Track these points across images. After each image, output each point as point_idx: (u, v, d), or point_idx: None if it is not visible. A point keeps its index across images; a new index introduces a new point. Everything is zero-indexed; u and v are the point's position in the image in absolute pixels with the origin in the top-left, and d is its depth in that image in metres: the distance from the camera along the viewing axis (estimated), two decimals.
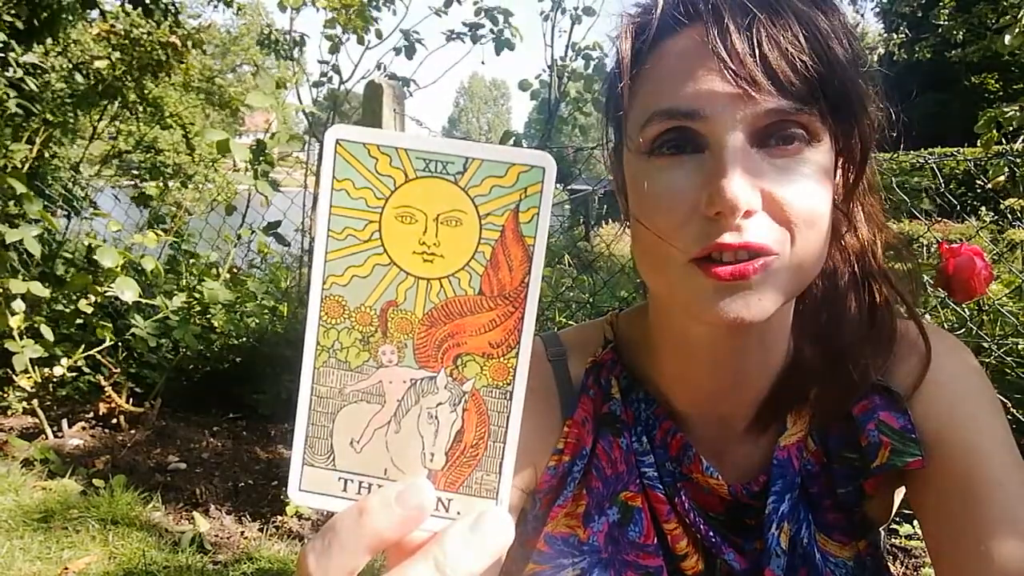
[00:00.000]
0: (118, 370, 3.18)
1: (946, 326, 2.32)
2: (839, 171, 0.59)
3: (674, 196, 0.54)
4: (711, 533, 0.63)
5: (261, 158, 2.78)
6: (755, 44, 0.51)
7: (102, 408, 3.18)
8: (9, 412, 3.29)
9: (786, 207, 0.53)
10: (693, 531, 0.64)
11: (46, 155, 4.09)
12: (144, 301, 2.98)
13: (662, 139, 0.55)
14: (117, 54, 4.48)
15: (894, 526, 2.33)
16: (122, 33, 4.42)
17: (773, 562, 0.61)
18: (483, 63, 6.90)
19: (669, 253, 0.55)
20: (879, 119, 0.60)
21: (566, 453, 0.67)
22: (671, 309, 0.64)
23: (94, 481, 2.71)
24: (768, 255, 0.52)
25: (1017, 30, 2.22)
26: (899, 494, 0.67)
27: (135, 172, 5.95)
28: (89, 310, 2.98)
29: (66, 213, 4.22)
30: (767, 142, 0.53)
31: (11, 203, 2.99)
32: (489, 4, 3.32)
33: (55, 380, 3.12)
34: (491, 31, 3.32)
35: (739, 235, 0.52)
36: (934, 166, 2.58)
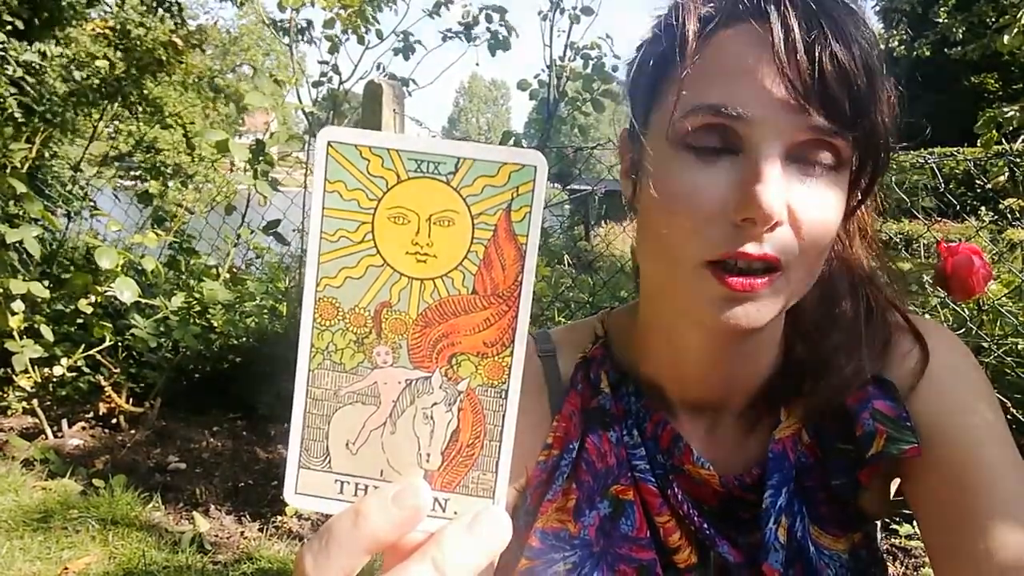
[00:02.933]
0: (118, 370, 3.18)
1: (946, 326, 2.31)
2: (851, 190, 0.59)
3: (701, 194, 0.53)
4: (705, 525, 0.63)
5: (260, 158, 2.78)
6: (816, 58, 0.50)
7: (102, 408, 3.18)
8: (9, 412, 3.29)
9: (804, 226, 0.53)
10: (687, 523, 0.64)
11: (46, 155, 4.09)
12: (144, 301, 2.98)
13: (699, 133, 0.54)
14: (119, 54, 4.48)
15: (894, 526, 2.34)
16: (118, 30, 4.41)
17: (772, 556, 0.60)
18: (477, 64, 6.92)
19: (683, 251, 0.54)
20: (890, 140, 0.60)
21: (554, 448, 0.68)
22: (668, 307, 0.64)
23: (94, 481, 2.71)
24: (778, 270, 0.53)
25: (1016, 30, 2.22)
26: (894, 485, 0.67)
27: (135, 173, 5.95)
28: (89, 310, 2.98)
29: (66, 213, 4.22)
30: (801, 158, 0.54)
31: (11, 203, 2.99)
32: (486, 3, 3.32)
33: (55, 380, 3.12)
34: (487, 30, 3.32)
35: (760, 246, 0.52)
36: (934, 166, 2.58)
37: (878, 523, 0.70)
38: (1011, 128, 2.18)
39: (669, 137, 0.56)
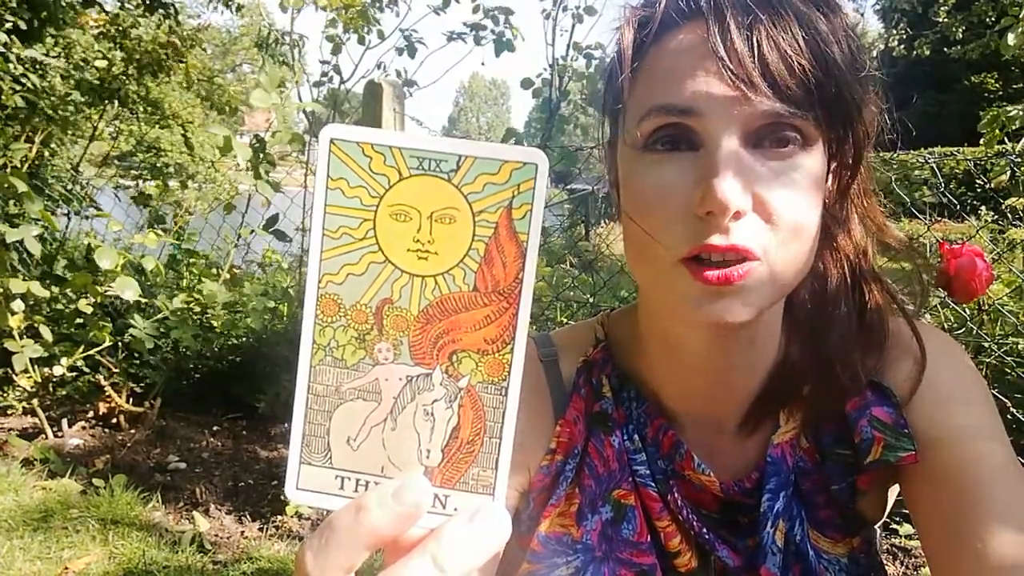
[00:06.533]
0: (118, 370, 3.18)
1: (946, 326, 2.31)
2: (831, 174, 0.59)
3: (666, 193, 0.54)
4: (704, 530, 0.64)
5: (262, 156, 2.78)
6: (755, 45, 0.51)
7: (102, 408, 3.18)
8: (9, 412, 3.28)
9: (775, 211, 0.53)
10: (686, 528, 0.64)
11: (46, 155, 4.09)
12: (144, 301, 2.98)
13: (658, 135, 0.55)
14: (120, 53, 4.47)
15: (894, 526, 2.34)
16: (119, 28, 4.41)
17: (769, 560, 0.61)
18: (483, 64, 6.90)
19: (658, 251, 0.55)
20: (878, 122, 0.60)
21: (558, 452, 0.68)
22: (656, 308, 0.64)
23: (94, 481, 2.71)
24: (753, 260, 0.53)
25: (1020, 30, 2.21)
26: (893, 492, 0.67)
27: (135, 173, 5.94)
28: (89, 310, 2.98)
29: (66, 213, 4.22)
30: (761, 143, 0.54)
31: (11, 202, 2.99)
32: (490, 4, 3.32)
33: (55, 380, 3.12)
34: (492, 31, 3.31)
35: (727, 237, 0.52)
36: (934, 166, 2.58)
37: (878, 528, 0.70)
38: (1014, 127, 2.18)
39: (629, 142, 0.58)
